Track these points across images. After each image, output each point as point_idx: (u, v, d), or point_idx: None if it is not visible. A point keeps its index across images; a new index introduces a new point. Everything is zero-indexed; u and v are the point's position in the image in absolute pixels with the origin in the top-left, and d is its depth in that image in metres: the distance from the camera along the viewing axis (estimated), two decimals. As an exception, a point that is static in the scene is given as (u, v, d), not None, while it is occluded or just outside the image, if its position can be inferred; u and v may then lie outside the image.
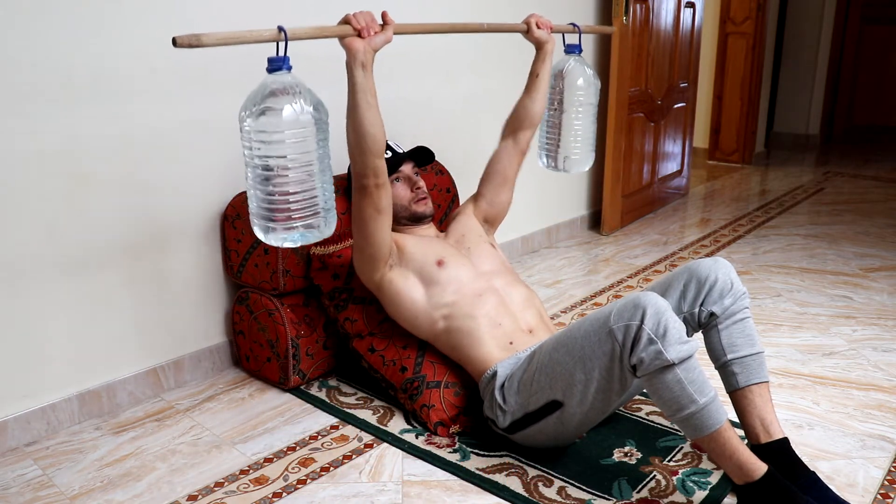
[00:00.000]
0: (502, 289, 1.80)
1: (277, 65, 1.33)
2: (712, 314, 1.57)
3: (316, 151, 1.37)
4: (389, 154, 1.90)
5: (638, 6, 3.39)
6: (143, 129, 1.85)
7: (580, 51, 2.02)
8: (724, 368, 1.56)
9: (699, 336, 1.64)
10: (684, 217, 3.87)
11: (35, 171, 1.69)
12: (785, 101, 5.87)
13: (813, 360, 2.14)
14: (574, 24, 2.03)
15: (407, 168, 1.93)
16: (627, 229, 3.60)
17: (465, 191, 2.62)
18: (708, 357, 1.60)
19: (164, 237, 1.95)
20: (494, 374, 1.65)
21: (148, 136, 1.87)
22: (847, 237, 3.39)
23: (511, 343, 1.70)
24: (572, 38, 2.03)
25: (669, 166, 4.06)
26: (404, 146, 2.25)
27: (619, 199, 3.54)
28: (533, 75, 1.97)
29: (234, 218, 2.00)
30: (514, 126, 2.01)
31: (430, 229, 1.96)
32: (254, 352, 2.05)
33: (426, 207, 1.92)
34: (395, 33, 1.55)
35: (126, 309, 1.91)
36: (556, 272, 2.97)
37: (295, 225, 1.38)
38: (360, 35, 1.48)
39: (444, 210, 2.36)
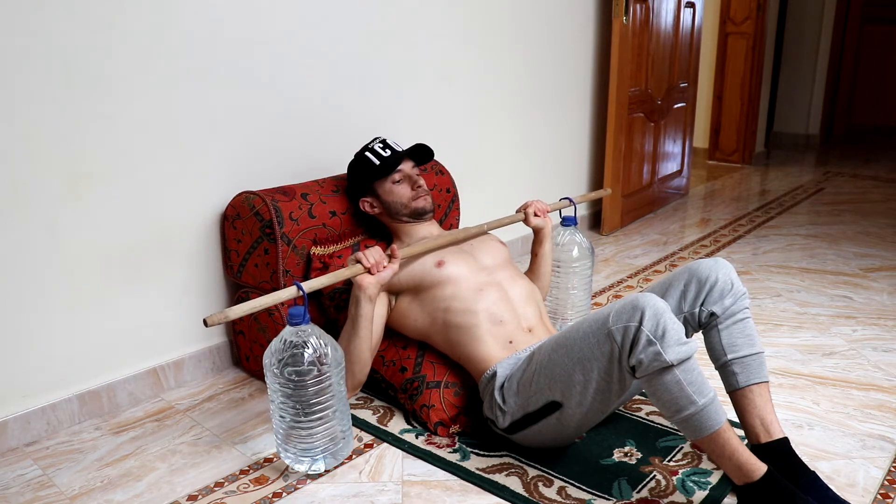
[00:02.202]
0: (504, 282, 1.81)
1: (298, 321, 1.51)
2: (712, 314, 1.57)
3: (334, 388, 1.56)
4: (388, 152, 1.91)
5: (638, 6, 3.39)
6: (143, 128, 1.85)
7: (576, 223, 2.16)
8: (724, 368, 1.56)
9: (699, 336, 1.64)
10: (684, 217, 3.87)
11: (35, 171, 1.69)
12: (785, 101, 5.87)
13: (813, 360, 2.14)
14: (569, 199, 2.18)
15: (406, 166, 1.93)
16: (627, 229, 3.60)
17: (465, 191, 2.62)
18: (708, 357, 1.60)
19: (164, 237, 1.95)
20: (494, 375, 1.65)
21: (148, 136, 1.87)
22: (847, 237, 3.39)
23: (511, 342, 1.70)
24: (568, 211, 2.19)
25: (669, 166, 4.06)
26: (404, 145, 2.25)
27: (619, 199, 3.54)
28: (533, 255, 2.08)
29: (234, 218, 2.00)
30: None
31: (431, 226, 1.96)
32: (254, 352, 2.05)
33: (426, 203, 1.92)
34: (403, 257, 1.70)
35: (126, 309, 1.91)
36: (556, 272, 2.97)
37: (317, 450, 1.58)
38: (369, 272, 1.64)
39: (444, 210, 2.36)
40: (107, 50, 1.75)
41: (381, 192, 1.92)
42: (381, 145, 1.93)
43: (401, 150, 1.94)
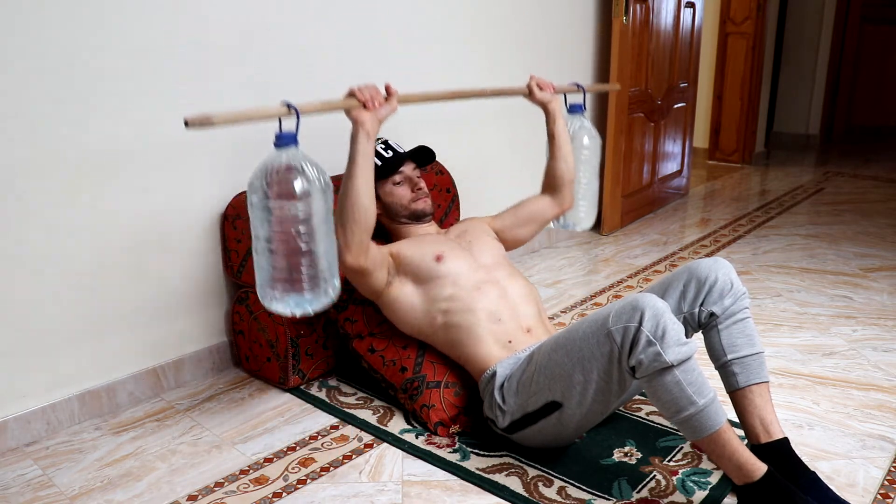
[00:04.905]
0: (503, 281, 1.80)
1: (286, 141, 1.36)
2: (712, 314, 1.57)
3: (323, 222, 1.41)
4: (390, 153, 1.90)
5: (638, 6, 3.39)
6: (143, 129, 1.85)
7: (583, 110, 2.07)
8: (724, 368, 1.56)
9: (699, 336, 1.65)
10: (684, 217, 3.87)
11: (35, 171, 1.69)
12: (785, 101, 5.87)
13: (813, 360, 2.14)
14: (578, 84, 2.08)
15: (408, 168, 1.93)
16: (627, 229, 3.60)
17: (465, 191, 2.62)
18: (708, 357, 1.60)
19: (164, 237, 1.95)
20: (494, 375, 1.65)
21: (148, 136, 1.87)
22: (847, 237, 3.39)
23: (510, 342, 1.70)
24: (576, 98, 2.07)
25: (669, 166, 4.06)
26: (405, 146, 2.25)
27: (619, 199, 3.54)
28: (550, 137, 2.00)
29: (234, 218, 2.00)
30: (551, 188, 2.04)
31: (430, 227, 1.96)
32: (254, 352, 2.05)
33: (426, 205, 1.92)
34: (399, 103, 1.61)
35: (126, 309, 1.91)
36: (557, 272, 2.97)
37: (304, 292, 1.41)
38: (365, 107, 1.54)
39: (444, 210, 2.36)
40: (108, 49, 1.75)
41: (381, 193, 1.92)
42: (384, 146, 1.93)
43: (403, 151, 1.94)
